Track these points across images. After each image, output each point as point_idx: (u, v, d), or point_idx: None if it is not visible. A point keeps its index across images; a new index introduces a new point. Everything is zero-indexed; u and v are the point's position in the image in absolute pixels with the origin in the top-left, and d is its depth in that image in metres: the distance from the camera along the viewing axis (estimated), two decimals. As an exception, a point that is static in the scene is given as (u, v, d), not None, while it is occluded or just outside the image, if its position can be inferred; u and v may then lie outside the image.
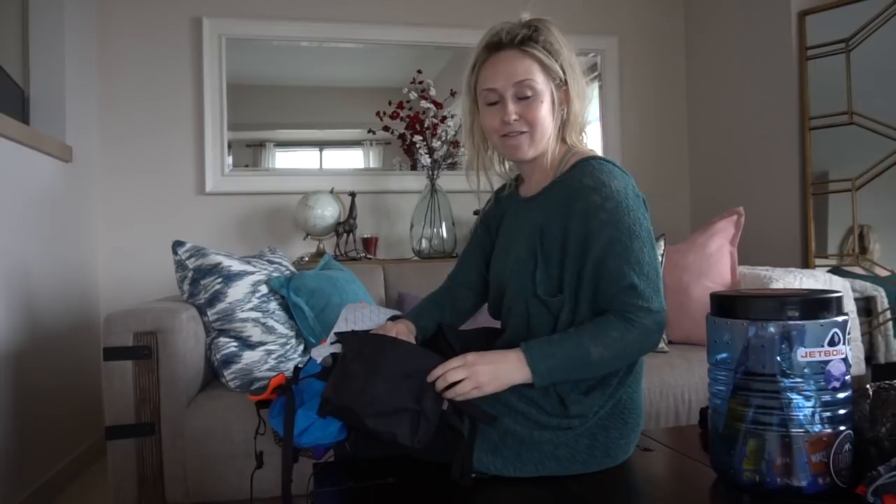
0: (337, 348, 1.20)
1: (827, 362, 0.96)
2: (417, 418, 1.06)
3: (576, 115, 1.21)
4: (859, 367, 2.21)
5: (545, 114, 1.18)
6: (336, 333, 1.23)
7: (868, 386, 1.10)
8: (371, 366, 1.09)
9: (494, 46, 1.20)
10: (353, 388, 1.06)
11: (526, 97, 1.17)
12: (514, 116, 1.18)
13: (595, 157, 1.18)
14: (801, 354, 0.95)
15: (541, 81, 1.17)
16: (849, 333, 1.00)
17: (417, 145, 2.78)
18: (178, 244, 1.87)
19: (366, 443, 1.20)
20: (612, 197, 1.11)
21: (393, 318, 1.33)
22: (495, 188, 1.40)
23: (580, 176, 1.15)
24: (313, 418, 1.10)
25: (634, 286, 1.09)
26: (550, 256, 1.16)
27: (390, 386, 1.06)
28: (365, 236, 2.89)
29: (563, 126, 1.22)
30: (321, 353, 1.20)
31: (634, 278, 1.09)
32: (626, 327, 1.09)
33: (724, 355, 1.02)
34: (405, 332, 1.27)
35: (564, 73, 1.18)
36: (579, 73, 1.21)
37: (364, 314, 1.37)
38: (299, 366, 1.21)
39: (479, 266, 1.41)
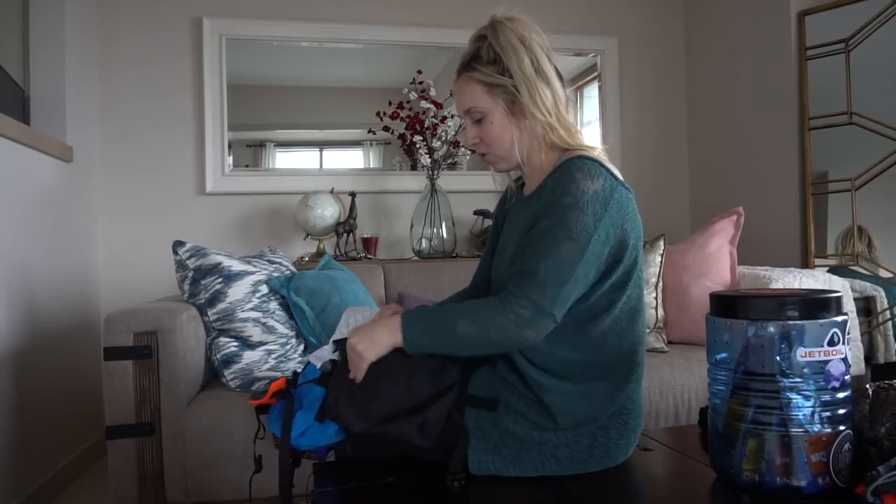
0: (336, 356, 1.20)
1: (826, 362, 0.96)
2: (424, 421, 1.09)
3: (539, 120, 1.16)
4: (859, 367, 2.21)
5: (500, 131, 1.18)
6: (335, 342, 1.23)
7: (868, 386, 1.10)
8: (371, 383, 1.12)
9: (456, 70, 1.22)
10: (357, 401, 1.10)
11: (479, 121, 1.20)
12: (473, 140, 1.22)
13: (581, 156, 1.13)
14: (801, 354, 0.95)
15: (486, 103, 1.17)
16: (848, 333, 1.00)
17: (417, 145, 2.78)
18: (178, 244, 1.87)
19: (365, 443, 1.21)
20: (572, 193, 1.08)
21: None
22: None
23: (560, 175, 1.13)
24: (311, 421, 1.11)
25: (535, 273, 1.05)
26: None
27: (396, 391, 1.11)
28: (365, 236, 2.89)
29: (537, 131, 1.19)
30: (320, 356, 1.20)
31: (541, 269, 1.05)
32: (498, 310, 1.05)
33: (723, 355, 1.02)
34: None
35: (515, 80, 1.14)
36: (536, 75, 1.15)
37: (365, 317, 1.36)
38: (298, 370, 1.22)
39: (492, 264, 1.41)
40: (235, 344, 1.85)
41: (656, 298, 2.28)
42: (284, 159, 3.02)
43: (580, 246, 1.06)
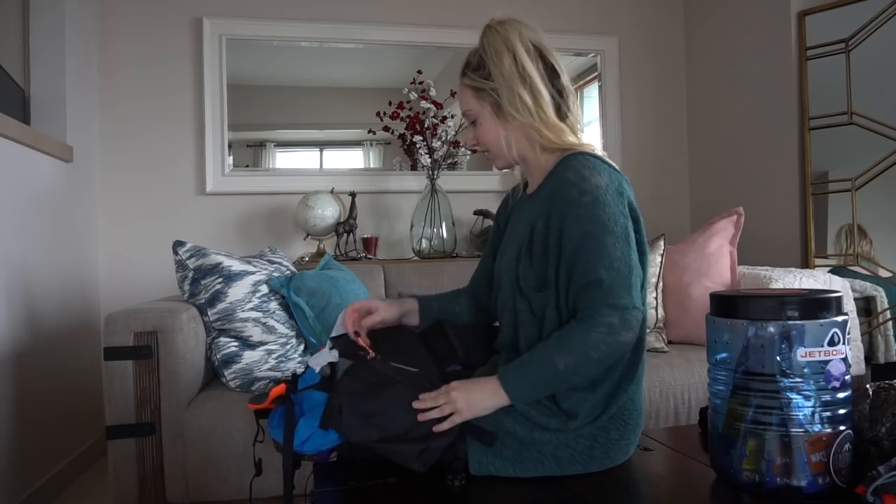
0: (334, 356, 1.20)
1: (827, 362, 0.96)
2: (426, 448, 1.08)
3: (522, 123, 1.18)
4: (859, 367, 2.21)
5: (489, 133, 1.23)
6: (332, 339, 1.23)
7: (868, 386, 1.10)
8: (374, 400, 1.11)
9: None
10: (360, 409, 1.09)
11: (473, 123, 1.26)
12: (471, 142, 1.29)
13: (581, 153, 1.17)
14: (801, 354, 0.96)
15: (475, 107, 1.23)
16: (848, 333, 1.00)
17: (417, 145, 2.78)
18: (178, 244, 1.87)
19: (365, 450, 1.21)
20: (590, 191, 1.10)
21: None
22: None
23: (563, 171, 1.15)
24: (314, 428, 1.10)
25: (601, 281, 1.07)
26: (535, 253, 1.17)
27: (401, 406, 1.10)
28: (365, 236, 2.89)
29: (525, 132, 1.21)
30: (319, 362, 1.20)
31: (602, 273, 1.08)
32: (586, 329, 1.07)
33: (723, 355, 1.02)
34: (394, 309, 1.32)
35: (496, 83, 1.18)
36: (517, 78, 1.17)
37: None
38: (297, 372, 1.21)
39: (492, 264, 1.41)
40: (235, 344, 1.85)
41: (656, 298, 2.28)
42: (284, 159, 3.02)
43: (621, 235, 1.10)
